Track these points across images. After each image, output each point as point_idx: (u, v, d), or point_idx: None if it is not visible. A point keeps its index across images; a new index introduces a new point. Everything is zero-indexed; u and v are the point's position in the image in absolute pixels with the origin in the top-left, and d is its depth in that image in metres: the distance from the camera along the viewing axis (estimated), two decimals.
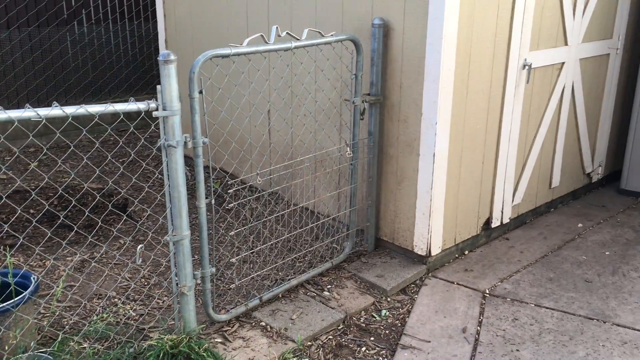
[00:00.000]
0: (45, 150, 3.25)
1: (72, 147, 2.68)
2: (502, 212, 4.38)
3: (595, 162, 5.25)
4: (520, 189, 4.49)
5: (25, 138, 6.16)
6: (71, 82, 6.88)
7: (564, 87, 4.57)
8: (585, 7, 4.49)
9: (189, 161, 4.40)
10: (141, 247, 2.86)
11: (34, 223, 2.86)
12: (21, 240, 3.66)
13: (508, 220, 4.48)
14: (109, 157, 3.14)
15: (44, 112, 2.47)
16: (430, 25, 3.51)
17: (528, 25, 4.02)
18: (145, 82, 7.46)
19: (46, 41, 6.61)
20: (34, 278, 3.00)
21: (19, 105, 6.39)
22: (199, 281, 3.15)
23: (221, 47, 2.99)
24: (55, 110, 2.48)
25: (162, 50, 5.96)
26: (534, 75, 4.27)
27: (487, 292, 3.81)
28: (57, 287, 3.54)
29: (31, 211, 4.79)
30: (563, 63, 4.48)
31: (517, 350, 3.25)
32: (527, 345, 3.29)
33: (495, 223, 4.36)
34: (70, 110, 2.52)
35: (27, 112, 2.42)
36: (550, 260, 4.20)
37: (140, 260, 2.90)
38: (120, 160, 6.06)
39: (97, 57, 7.02)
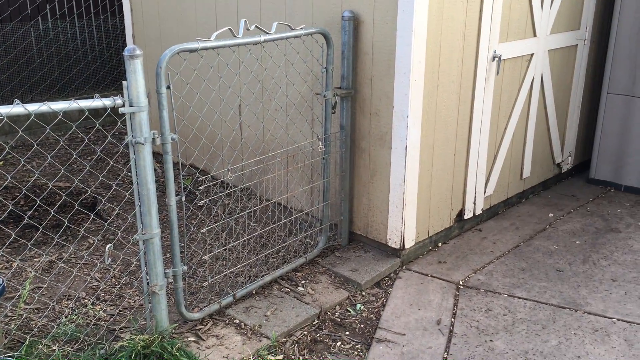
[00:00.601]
0: (7, 149, 3.15)
1: (35, 145, 2.60)
2: (474, 204, 4.41)
3: (564, 152, 5.31)
4: (492, 180, 4.52)
5: None
6: (36, 79, 6.71)
7: (533, 78, 4.60)
8: None
9: (159, 158, 4.33)
10: (110, 247, 2.80)
11: None
12: None
13: (480, 212, 4.51)
14: (74, 155, 3.07)
15: (4, 109, 2.39)
16: (400, 18, 3.50)
17: (497, 17, 4.03)
18: (114, 78, 7.32)
19: (9, 37, 6.43)
20: None
21: None
22: (170, 280, 3.10)
23: (190, 41, 2.94)
24: (17, 108, 2.40)
25: (130, 45, 5.85)
26: (504, 67, 4.30)
27: (461, 283, 3.82)
28: (24, 289, 3.45)
29: None
30: (532, 54, 4.52)
31: (491, 340, 3.27)
32: (500, 335, 3.32)
33: (468, 214, 4.38)
34: (32, 107, 2.45)
35: None
36: (522, 251, 4.24)
37: (110, 259, 2.84)
38: (89, 158, 5.95)
39: (63, 53, 6.86)
